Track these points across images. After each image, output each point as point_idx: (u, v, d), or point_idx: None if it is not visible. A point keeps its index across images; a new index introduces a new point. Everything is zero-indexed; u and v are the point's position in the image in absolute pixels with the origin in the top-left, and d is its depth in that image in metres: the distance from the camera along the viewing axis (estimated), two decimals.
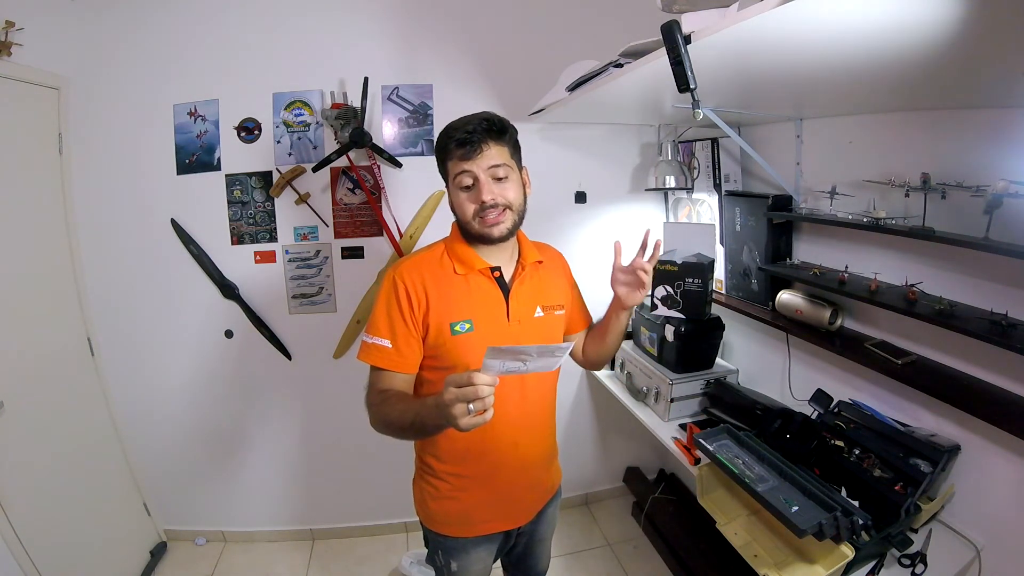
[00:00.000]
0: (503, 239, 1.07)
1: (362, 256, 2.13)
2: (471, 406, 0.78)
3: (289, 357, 2.17)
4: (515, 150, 1.09)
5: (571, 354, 1.32)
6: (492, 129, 1.03)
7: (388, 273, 1.11)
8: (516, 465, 1.17)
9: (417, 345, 1.08)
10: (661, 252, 1.13)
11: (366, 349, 1.08)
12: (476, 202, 1.04)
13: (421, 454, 1.21)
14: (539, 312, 1.15)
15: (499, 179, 1.04)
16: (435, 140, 1.16)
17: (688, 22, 0.89)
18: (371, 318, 1.09)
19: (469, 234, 1.09)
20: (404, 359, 1.07)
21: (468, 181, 1.04)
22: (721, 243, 1.91)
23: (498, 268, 1.12)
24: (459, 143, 1.02)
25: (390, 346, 1.06)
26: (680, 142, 1.95)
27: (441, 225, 2.07)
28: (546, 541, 1.39)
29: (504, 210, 1.05)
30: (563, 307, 1.22)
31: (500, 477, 1.16)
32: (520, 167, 1.11)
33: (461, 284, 1.09)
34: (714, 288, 1.90)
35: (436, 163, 1.12)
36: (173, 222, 2.02)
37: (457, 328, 1.07)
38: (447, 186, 1.10)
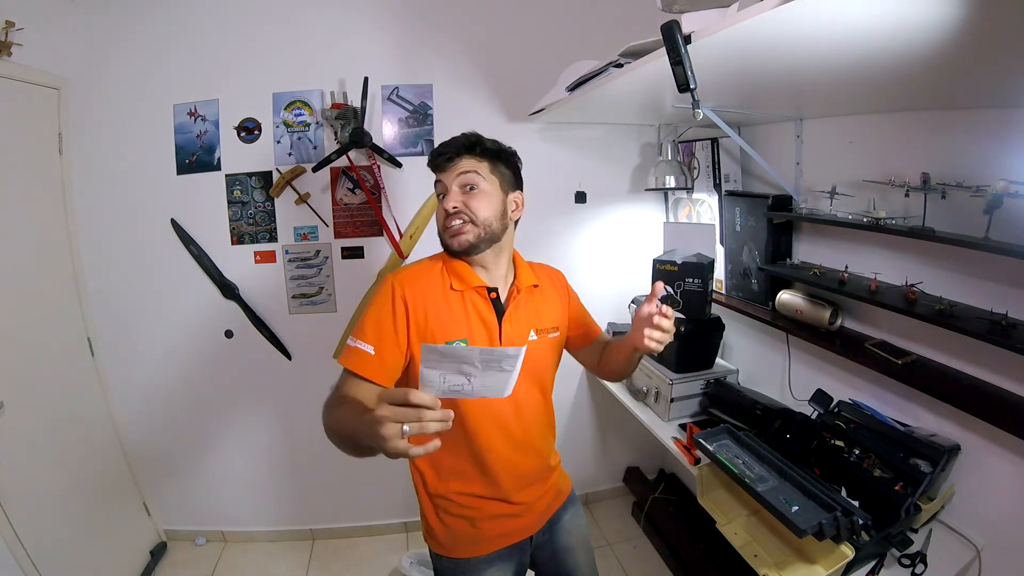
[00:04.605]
0: (463, 252, 1.07)
1: (362, 256, 2.13)
2: (405, 427, 0.68)
3: (289, 357, 2.17)
4: (495, 166, 1.09)
5: (586, 365, 1.31)
6: (466, 143, 1.07)
7: (387, 278, 1.07)
8: (517, 473, 1.15)
9: (400, 357, 1.03)
10: (664, 297, 1.03)
11: (347, 353, 1.02)
12: (442, 210, 1.06)
13: (421, 479, 1.17)
14: (533, 336, 1.13)
15: (468, 189, 1.05)
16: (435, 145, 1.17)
17: (688, 22, 0.89)
18: (360, 321, 1.04)
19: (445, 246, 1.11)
20: (384, 368, 1.01)
21: (441, 191, 1.08)
22: (721, 243, 1.91)
23: (495, 289, 1.10)
24: (435, 155, 1.08)
25: (373, 352, 1.00)
26: (680, 142, 1.95)
27: None
28: (576, 551, 1.28)
29: (466, 223, 1.04)
30: (558, 329, 1.19)
31: (502, 486, 1.13)
32: (508, 189, 1.11)
33: (458, 301, 1.08)
34: (714, 288, 1.90)
35: None
36: (173, 222, 2.02)
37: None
38: None
